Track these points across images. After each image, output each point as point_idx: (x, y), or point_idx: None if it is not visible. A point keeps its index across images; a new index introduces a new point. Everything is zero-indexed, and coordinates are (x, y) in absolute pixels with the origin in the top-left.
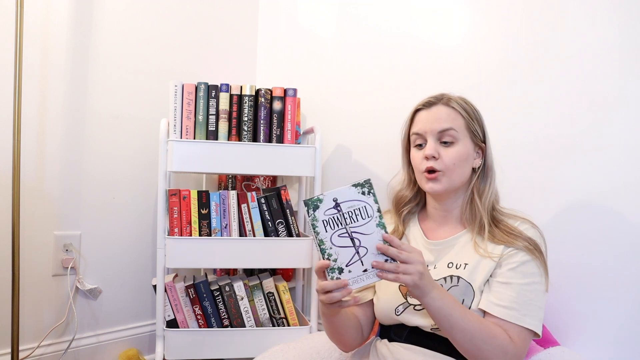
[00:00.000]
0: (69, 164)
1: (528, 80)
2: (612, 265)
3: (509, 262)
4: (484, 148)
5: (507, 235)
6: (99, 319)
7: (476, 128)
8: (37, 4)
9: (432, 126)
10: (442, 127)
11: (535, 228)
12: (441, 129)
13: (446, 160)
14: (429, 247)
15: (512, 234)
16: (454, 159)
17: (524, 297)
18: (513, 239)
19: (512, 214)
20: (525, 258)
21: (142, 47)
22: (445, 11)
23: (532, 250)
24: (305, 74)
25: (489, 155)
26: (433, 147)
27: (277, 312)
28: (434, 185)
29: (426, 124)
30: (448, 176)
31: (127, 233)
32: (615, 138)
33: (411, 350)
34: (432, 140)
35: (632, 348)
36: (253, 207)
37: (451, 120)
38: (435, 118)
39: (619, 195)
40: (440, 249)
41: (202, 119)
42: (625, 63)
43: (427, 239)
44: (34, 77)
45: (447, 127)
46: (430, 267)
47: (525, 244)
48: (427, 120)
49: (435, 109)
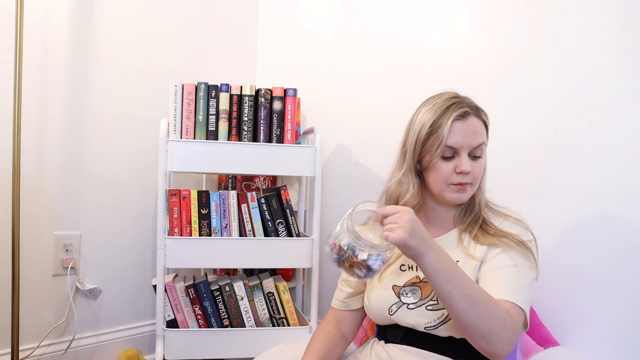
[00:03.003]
0: (69, 164)
1: (528, 80)
2: (612, 266)
3: (498, 251)
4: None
5: (492, 237)
6: (99, 319)
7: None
8: (37, 4)
9: (470, 141)
10: (478, 142)
11: (519, 224)
12: (477, 144)
13: (476, 174)
14: None
15: (496, 235)
16: (481, 172)
17: (516, 278)
18: (496, 240)
19: (501, 212)
20: (510, 253)
21: (142, 47)
22: (445, 11)
23: (517, 245)
24: (305, 74)
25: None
26: (468, 162)
27: (277, 312)
28: (461, 196)
29: (464, 139)
30: (473, 187)
31: (127, 233)
32: (616, 138)
33: (408, 352)
34: (465, 154)
35: (631, 348)
36: (253, 207)
37: (482, 135)
38: (472, 132)
39: (619, 196)
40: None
41: (202, 119)
42: (625, 63)
43: None
44: (34, 77)
45: (481, 142)
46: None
47: (511, 243)
48: (465, 134)
49: (471, 121)
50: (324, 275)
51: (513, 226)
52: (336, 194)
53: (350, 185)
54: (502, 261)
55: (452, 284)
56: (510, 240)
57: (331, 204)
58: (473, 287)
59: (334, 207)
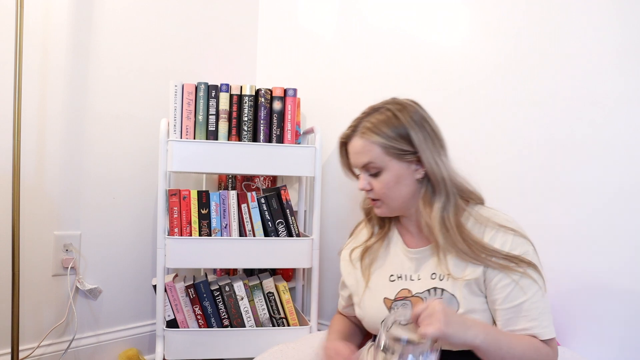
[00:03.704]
0: (69, 164)
1: (528, 80)
2: (612, 266)
3: (505, 284)
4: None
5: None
6: (99, 319)
7: (400, 146)
8: (37, 4)
9: (356, 161)
10: (362, 161)
11: (517, 235)
12: (362, 164)
13: (377, 190)
14: (408, 255)
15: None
16: (383, 187)
17: (536, 310)
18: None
19: (493, 220)
20: (515, 277)
21: (142, 47)
22: (445, 11)
23: (515, 267)
24: (305, 74)
25: (430, 164)
26: (365, 180)
27: (277, 312)
28: (378, 211)
29: (352, 158)
30: (386, 202)
31: (127, 233)
32: (616, 138)
33: None
34: (362, 173)
35: (631, 348)
36: (253, 207)
37: (367, 153)
38: (354, 152)
39: (619, 196)
40: (420, 258)
41: (202, 119)
42: (625, 63)
43: (407, 247)
44: (34, 77)
45: (365, 162)
46: (414, 277)
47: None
48: (351, 153)
49: (353, 142)
50: (324, 275)
51: (509, 238)
52: (336, 194)
53: (350, 185)
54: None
55: (502, 351)
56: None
57: (331, 204)
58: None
59: (334, 207)
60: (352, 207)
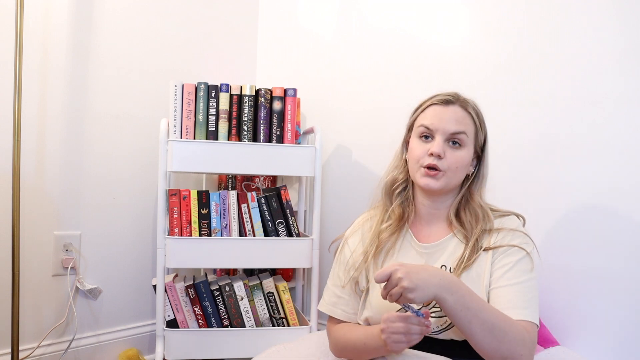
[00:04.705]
0: (69, 164)
1: (528, 80)
2: (612, 266)
3: (504, 263)
4: (481, 157)
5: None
6: (99, 319)
7: (481, 137)
8: (37, 4)
9: (446, 126)
10: (456, 129)
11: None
12: (454, 131)
13: (450, 162)
14: (420, 250)
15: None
16: (458, 162)
17: (527, 294)
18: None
19: (499, 212)
20: (520, 255)
21: (142, 47)
22: (445, 11)
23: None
24: (305, 74)
25: (485, 166)
26: (441, 146)
27: (277, 312)
28: (431, 182)
29: (441, 122)
30: (448, 177)
31: (127, 233)
32: (616, 138)
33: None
34: (440, 139)
35: (631, 348)
36: (253, 207)
37: (465, 124)
38: (450, 118)
39: (619, 195)
40: (431, 252)
41: (202, 119)
42: (625, 63)
43: (419, 242)
44: (34, 77)
45: (461, 130)
46: None
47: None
48: (442, 118)
49: (452, 108)
50: (324, 275)
51: (514, 234)
52: (336, 194)
53: (350, 185)
54: (511, 278)
55: (470, 311)
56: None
57: (331, 204)
58: (490, 311)
59: (334, 207)
60: (352, 207)
